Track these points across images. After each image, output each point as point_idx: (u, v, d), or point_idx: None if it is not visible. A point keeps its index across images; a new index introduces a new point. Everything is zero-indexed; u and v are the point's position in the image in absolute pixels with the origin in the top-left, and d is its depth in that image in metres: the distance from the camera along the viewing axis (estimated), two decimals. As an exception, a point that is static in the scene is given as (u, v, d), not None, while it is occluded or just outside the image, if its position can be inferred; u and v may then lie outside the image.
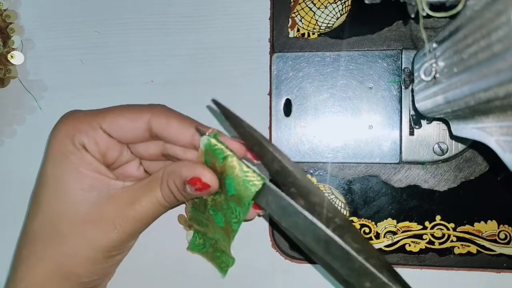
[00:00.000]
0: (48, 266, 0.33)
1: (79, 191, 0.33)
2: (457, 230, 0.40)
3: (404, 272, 0.41)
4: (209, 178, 0.31)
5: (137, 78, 0.45)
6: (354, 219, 0.41)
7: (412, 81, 0.38)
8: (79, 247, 0.33)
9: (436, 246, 0.40)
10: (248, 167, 0.30)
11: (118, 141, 0.35)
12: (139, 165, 0.38)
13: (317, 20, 0.42)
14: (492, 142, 0.25)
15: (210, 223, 0.36)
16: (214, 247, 0.39)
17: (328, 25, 0.42)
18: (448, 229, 0.40)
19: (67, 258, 0.33)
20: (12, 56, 0.45)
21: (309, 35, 0.42)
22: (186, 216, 0.43)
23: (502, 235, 0.39)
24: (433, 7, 0.25)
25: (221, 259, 0.38)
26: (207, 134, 0.32)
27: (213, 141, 0.31)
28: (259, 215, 0.40)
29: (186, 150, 0.34)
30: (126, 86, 0.45)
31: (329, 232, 0.27)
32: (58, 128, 0.34)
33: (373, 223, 0.41)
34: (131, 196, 0.33)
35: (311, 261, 0.41)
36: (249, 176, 0.30)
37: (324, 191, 0.41)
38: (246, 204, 0.30)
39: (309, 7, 0.42)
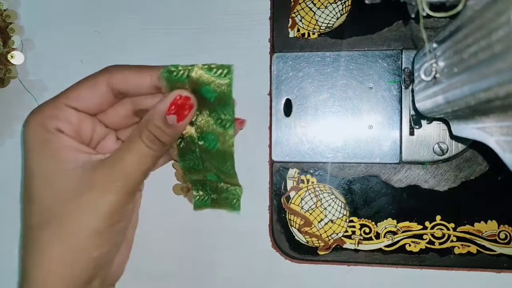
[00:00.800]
0: (57, 250, 0.33)
1: (65, 172, 0.33)
2: (457, 230, 0.40)
3: (404, 272, 0.41)
4: (185, 93, 0.32)
5: (137, 78, 0.45)
6: (354, 219, 0.41)
7: (412, 81, 0.38)
8: (80, 221, 0.33)
9: (436, 246, 0.40)
10: (210, 65, 0.32)
11: (88, 114, 0.35)
12: (116, 139, 0.39)
13: (317, 20, 0.42)
14: (492, 142, 0.25)
15: (205, 160, 0.36)
16: (217, 190, 0.39)
17: (328, 25, 0.42)
18: (448, 229, 0.40)
19: (72, 236, 0.33)
20: (12, 56, 0.45)
21: (309, 35, 0.42)
22: (180, 181, 0.43)
23: (502, 235, 0.39)
24: (433, 7, 0.25)
25: (229, 197, 0.38)
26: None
27: (170, 68, 0.32)
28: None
29: (154, 97, 0.35)
30: (126, 86, 0.45)
31: None
32: (28, 122, 0.34)
33: (373, 223, 0.41)
34: (114, 158, 0.33)
35: (311, 261, 0.41)
36: (218, 71, 0.32)
37: (325, 191, 0.41)
38: (229, 93, 0.32)
39: (309, 7, 0.42)
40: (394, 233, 0.40)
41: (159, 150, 0.34)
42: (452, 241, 0.40)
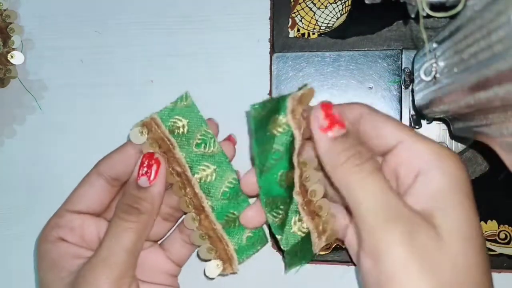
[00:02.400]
0: None
1: (61, 281, 0.32)
2: (457, 230, 0.40)
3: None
4: (147, 150, 0.33)
5: (137, 78, 0.45)
6: (354, 219, 0.41)
7: (412, 81, 0.38)
8: None
9: (436, 246, 0.40)
10: (174, 104, 0.35)
11: (93, 214, 0.35)
12: None
13: (317, 20, 0.42)
14: (492, 142, 0.25)
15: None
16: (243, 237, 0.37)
17: (328, 25, 0.42)
18: (448, 229, 0.40)
19: None
20: (12, 56, 0.45)
21: (309, 35, 0.42)
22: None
23: (502, 235, 0.39)
24: (433, 7, 0.25)
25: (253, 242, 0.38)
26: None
27: (137, 126, 0.35)
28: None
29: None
30: (126, 86, 0.45)
31: None
32: (37, 242, 0.36)
33: (373, 223, 0.41)
34: (96, 250, 0.32)
35: (311, 261, 0.41)
36: (178, 102, 0.35)
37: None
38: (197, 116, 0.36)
39: (309, 7, 0.42)
40: (394, 233, 0.40)
41: (137, 220, 0.31)
42: (452, 241, 0.40)
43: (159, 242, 0.38)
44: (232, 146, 0.38)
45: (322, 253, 0.41)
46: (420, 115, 0.36)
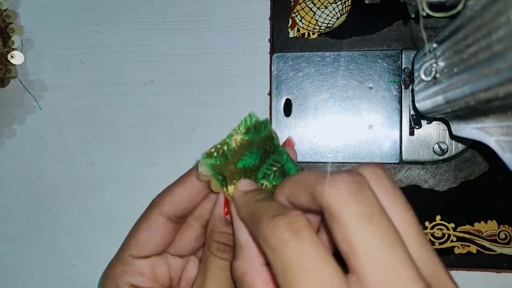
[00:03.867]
0: None
1: None
2: (457, 230, 0.40)
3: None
4: (231, 189, 0.28)
5: (137, 78, 0.45)
6: (354, 219, 0.41)
7: (412, 81, 0.38)
8: None
9: (436, 246, 0.40)
10: (246, 127, 0.29)
11: (157, 255, 0.33)
12: (199, 262, 0.35)
13: (317, 20, 0.42)
14: (492, 142, 0.25)
15: None
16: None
17: (328, 25, 0.42)
18: (448, 229, 0.40)
19: None
20: (12, 56, 0.45)
21: (309, 35, 0.42)
22: None
23: (502, 235, 0.39)
24: (433, 7, 0.25)
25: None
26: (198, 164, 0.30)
27: (209, 152, 0.29)
28: None
29: (208, 199, 0.32)
30: (126, 86, 0.45)
31: None
32: (103, 283, 0.33)
33: (373, 223, 0.41)
34: None
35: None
36: (255, 129, 0.29)
37: (324, 191, 0.41)
38: (275, 145, 0.29)
39: (309, 7, 0.42)
40: (394, 233, 0.40)
41: (232, 255, 0.30)
42: (452, 241, 0.40)
43: None
44: (293, 149, 0.34)
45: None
46: (420, 115, 0.36)
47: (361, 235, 0.19)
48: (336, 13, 0.42)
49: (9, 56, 0.44)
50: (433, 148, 0.40)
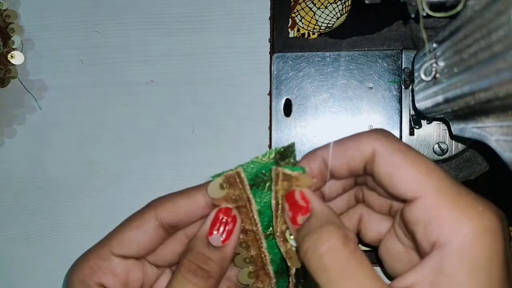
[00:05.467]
0: None
1: None
2: (457, 230, 0.40)
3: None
4: (225, 205, 0.28)
5: (137, 78, 0.45)
6: (354, 219, 0.41)
7: (412, 81, 0.38)
8: None
9: (436, 246, 0.40)
10: (279, 152, 0.28)
11: (136, 259, 0.31)
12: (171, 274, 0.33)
13: (317, 20, 0.42)
14: (492, 142, 0.25)
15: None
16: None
17: (328, 25, 0.42)
18: (448, 229, 0.40)
19: None
20: (12, 56, 0.45)
21: (309, 35, 0.42)
22: None
23: (502, 235, 0.39)
24: (433, 7, 0.25)
25: None
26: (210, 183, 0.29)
27: (218, 181, 0.28)
28: None
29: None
30: (126, 86, 0.45)
31: None
32: (69, 275, 0.31)
33: (373, 223, 0.41)
34: None
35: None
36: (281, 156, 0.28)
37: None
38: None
39: (309, 7, 0.42)
40: (394, 233, 0.40)
41: (204, 285, 0.28)
42: (452, 241, 0.40)
43: None
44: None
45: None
46: (420, 115, 0.36)
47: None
48: (336, 13, 0.42)
49: (9, 56, 0.44)
50: (433, 148, 0.40)
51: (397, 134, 0.40)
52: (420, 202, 0.23)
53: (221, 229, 0.28)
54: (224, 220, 0.28)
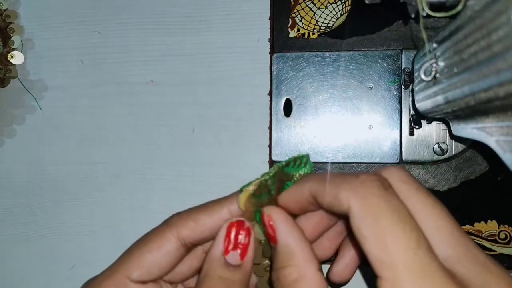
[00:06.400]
0: None
1: None
2: (457, 230, 0.40)
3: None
4: (235, 218, 0.26)
5: (137, 78, 0.45)
6: (354, 219, 0.41)
7: (412, 81, 0.38)
8: None
9: (436, 246, 0.40)
10: (288, 162, 0.27)
11: (153, 282, 0.28)
12: None
13: (317, 20, 0.42)
14: (492, 142, 0.25)
15: None
16: None
17: (328, 25, 0.42)
18: (448, 229, 0.40)
19: None
20: (12, 56, 0.45)
21: (309, 35, 0.42)
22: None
23: (502, 235, 0.39)
24: (433, 7, 0.25)
25: None
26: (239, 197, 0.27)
27: (250, 187, 0.26)
28: None
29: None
30: (126, 86, 0.45)
31: None
32: None
33: (373, 223, 0.41)
34: None
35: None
36: (295, 163, 0.27)
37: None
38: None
39: (309, 7, 0.42)
40: (394, 233, 0.40)
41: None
42: (452, 241, 0.40)
43: None
44: None
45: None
46: (420, 115, 0.36)
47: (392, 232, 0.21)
48: (336, 13, 0.42)
49: (9, 56, 0.44)
50: (433, 148, 0.40)
51: (397, 134, 0.40)
52: (383, 281, 0.21)
53: (237, 244, 0.26)
54: (237, 234, 0.26)
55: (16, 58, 0.45)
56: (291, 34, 0.42)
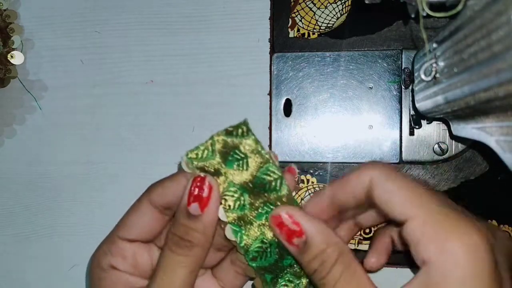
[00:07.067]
0: None
1: None
2: (457, 230, 0.40)
3: (405, 273, 0.41)
4: (199, 174, 0.29)
5: (137, 78, 0.45)
6: (354, 219, 0.41)
7: (412, 81, 0.38)
8: None
9: (436, 246, 0.40)
10: (227, 129, 0.31)
11: (143, 242, 0.33)
12: None
13: (317, 20, 0.42)
14: (492, 142, 0.25)
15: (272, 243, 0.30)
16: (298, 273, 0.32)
17: (328, 25, 0.42)
18: (448, 229, 0.40)
19: None
20: (12, 56, 0.45)
21: (309, 35, 0.42)
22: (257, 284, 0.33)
23: (502, 235, 0.39)
24: (433, 7, 0.25)
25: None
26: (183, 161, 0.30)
27: (191, 152, 0.30)
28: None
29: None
30: (126, 86, 0.45)
31: None
32: (90, 261, 0.33)
33: (373, 223, 0.41)
34: (149, 283, 0.31)
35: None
36: (238, 131, 0.30)
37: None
38: (260, 149, 0.30)
39: (309, 7, 0.42)
40: (394, 233, 0.40)
41: (189, 254, 0.29)
42: (452, 241, 0.40)
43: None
44: (292, 178, 0.33)
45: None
46: (420, 115, 0.36)
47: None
48: (336, 13, 0.42)
49: (9, 56, 0.45)
50: (433, 148, 0.40)
51: (397, 134, 0.40)
52: (410, 224, 0.25)
53: (198, 197, 0.29)
54: (198, 188, 0.29)
55: (16, 58, 0.45)
56: (291, 34, 0.42)
